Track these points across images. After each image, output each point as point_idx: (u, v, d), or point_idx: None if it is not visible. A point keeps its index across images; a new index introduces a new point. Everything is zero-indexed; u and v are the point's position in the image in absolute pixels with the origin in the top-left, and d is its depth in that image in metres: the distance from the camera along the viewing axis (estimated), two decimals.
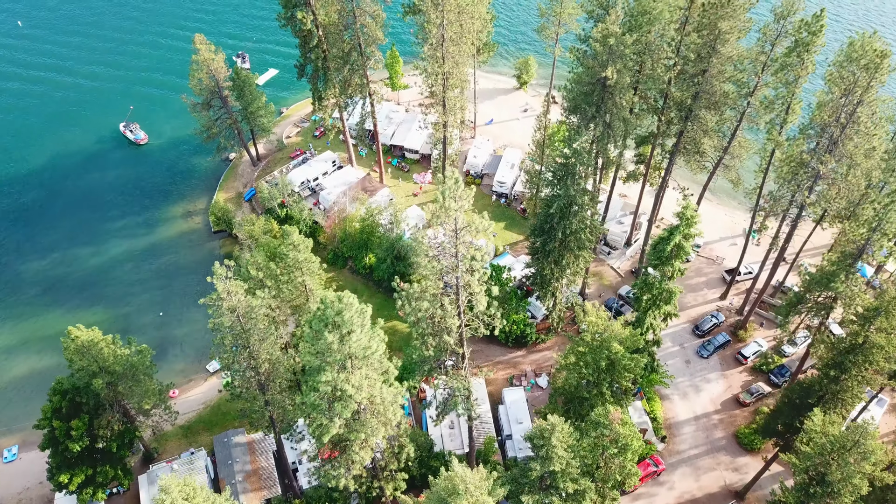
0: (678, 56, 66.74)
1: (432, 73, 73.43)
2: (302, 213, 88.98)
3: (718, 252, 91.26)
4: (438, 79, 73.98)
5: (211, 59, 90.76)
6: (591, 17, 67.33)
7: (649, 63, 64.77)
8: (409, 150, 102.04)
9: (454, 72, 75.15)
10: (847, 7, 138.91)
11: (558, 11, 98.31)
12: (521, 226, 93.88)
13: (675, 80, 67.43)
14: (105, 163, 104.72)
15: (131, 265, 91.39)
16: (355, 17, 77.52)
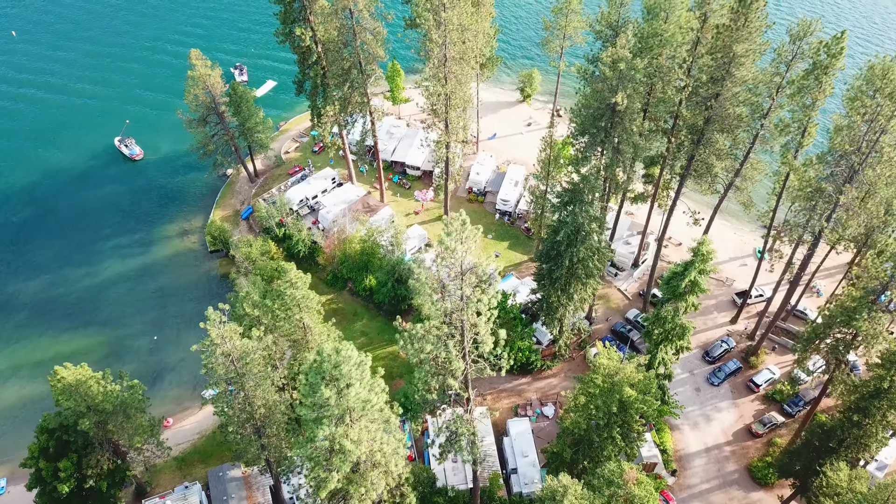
0: (689, 77, 64.44)
1: (434, 93, 71.08)
2: (300, 234, 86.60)
3: (728, 273, 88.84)
4: (441, 98, 71.62)
5: (207, 75, 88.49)
6: (599, 37, 64.92)
7: (660, 86, 62.37)
8: (410, 167, 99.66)
9: (457, 91, 72.84)
10: (848, 15, 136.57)
11: (563, 25, 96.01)
12: (525, 245, 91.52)
13: (686, 102, 65.06)
14: (99, 179, 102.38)
15: (125, 287, 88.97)
16: (355, 35, 75.09)
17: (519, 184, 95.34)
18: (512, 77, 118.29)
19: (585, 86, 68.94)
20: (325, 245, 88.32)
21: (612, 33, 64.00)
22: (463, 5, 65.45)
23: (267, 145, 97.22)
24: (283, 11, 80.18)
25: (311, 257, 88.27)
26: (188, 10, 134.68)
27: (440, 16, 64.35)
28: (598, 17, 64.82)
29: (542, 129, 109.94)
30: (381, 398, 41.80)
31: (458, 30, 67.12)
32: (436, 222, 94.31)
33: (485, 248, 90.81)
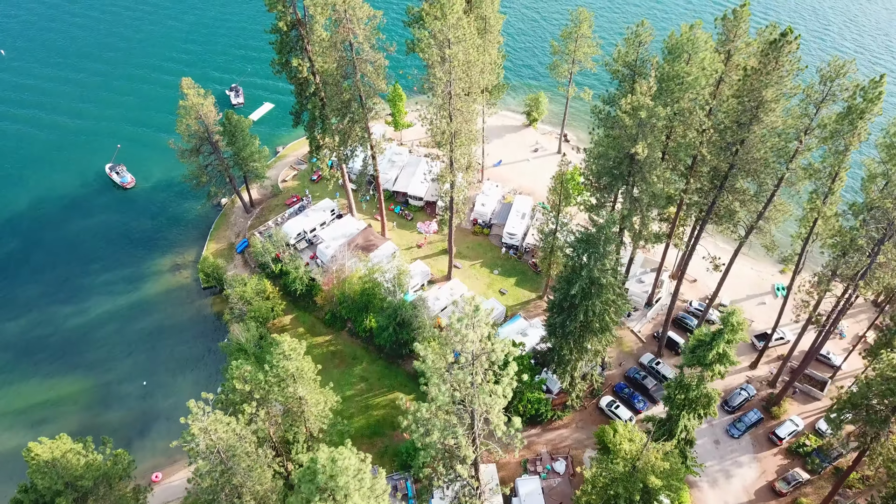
0: (711, 117, 60.38)
1: (439, 131, 66.96)
2: (297, 271, 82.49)
3: (746, 312, 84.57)
4: (446, 136, 67.48)
5: (200, 104, 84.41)
6: (615, 76, 60.80)
7: (680, 129, 58.24)
8: (412, 197, 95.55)
9: (463, 129, 68.70)
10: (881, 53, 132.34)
11: (572, 50, 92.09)
12: (533, 282, 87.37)
13: (708, 145, 60.95)
14: (89, 208, 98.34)
15: (114, 326, 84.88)
16: (355, 67, 70.96)
17: (526, 216, 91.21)
18: (518, 100, 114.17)
19: (599, 125, 64.87)
20: (323, 282, 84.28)
21: (630, 73, 59.86)
22: (469, 41, 61.32)
23: (263, 175, 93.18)
24: (278, 41, 76.16)
25: (309, 294, 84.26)
26: (182, 29, 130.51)
27: (445, 52, 60.24)
28: (615, 56, 60.71)
29: (549, 154, 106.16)
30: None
31: (464, 66, 63.02)
32: (439, 256, 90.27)
33: (490, 285, 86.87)
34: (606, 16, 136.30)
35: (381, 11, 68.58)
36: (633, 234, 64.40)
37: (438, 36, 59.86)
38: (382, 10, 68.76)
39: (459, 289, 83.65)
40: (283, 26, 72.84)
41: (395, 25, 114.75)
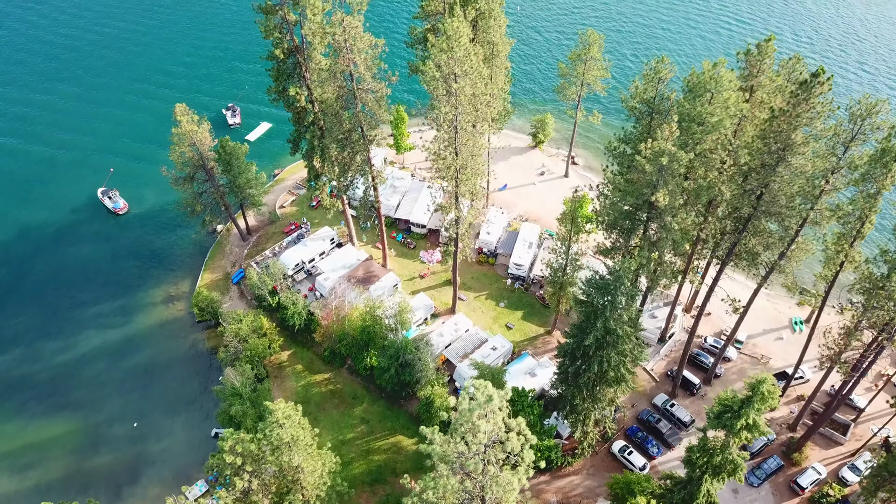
0: (732, 156, 56.96)
1: (445, 167, 63.53)
2: (295, 306, 78.91)
3: (763, 348, 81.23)
4: (451, 172, 64.06)
5: (194, 131, 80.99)
6: (632, 114, 57.35)
7: (701, 171, 54.78)
8: (415, 225, 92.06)
9: (469, 163, 65.28)
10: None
11: (581, 72, 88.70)
12: (541, 315, 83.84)
13: (729, 183, 57.49)
14: (80, 235, 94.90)
15: (104, 363, 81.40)
16: (356, 97, 67.46)
17: (533, 245, 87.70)
18: (523, 120, 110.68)
19: (613, 163, 61.44)
20: (322, 316, 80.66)
21: (647, 110, 56.38)
22: (476, 74, 57.87)
23: (260, 202, 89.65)
24: (275, 68, 72.83)
25: (308, 329, 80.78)
26: (177, 47, 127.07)
27: (451, 86, 56.80)
28: (632, 93, 57.22)
29: (555, 178, 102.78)
30: None
31: (470, 99, 59.60)
32: (443, 287, 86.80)
33: (496, 319, 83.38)
34: (615, 36, 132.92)
35: (382, 40, 65.18)
36: (649, 277, 60.77)
37: (444, 69, 56.44)
38: (384, 39, 65.27)
39: (464, 323, 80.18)
40: (279, 54, 69.45)
41: (397, 46, 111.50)
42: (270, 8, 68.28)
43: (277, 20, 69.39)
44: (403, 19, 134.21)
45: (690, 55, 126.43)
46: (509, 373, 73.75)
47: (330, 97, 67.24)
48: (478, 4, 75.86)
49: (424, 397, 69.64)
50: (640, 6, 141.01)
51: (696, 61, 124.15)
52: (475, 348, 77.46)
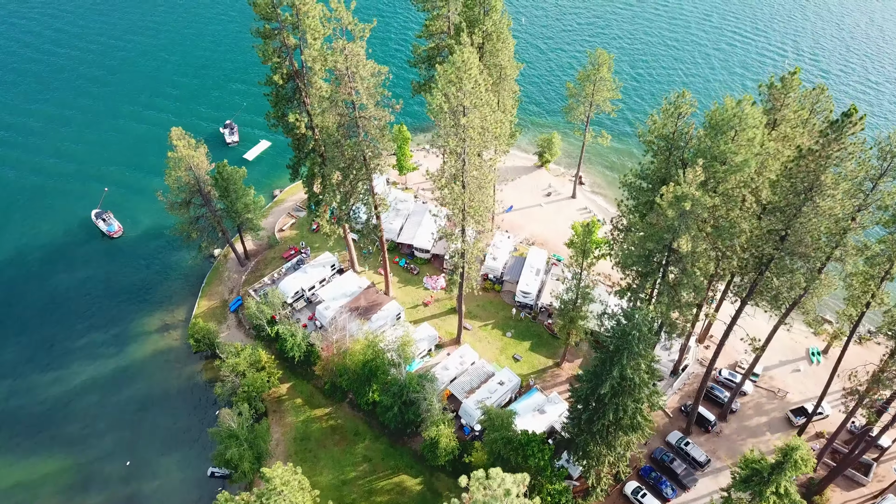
0: (755, 190, 54.18)
1: (451, 201, 60.69)
2: (294, 338, 76.06)
3: (779, 381, 78.40)
4: (458, 206, 61.23)
5: (190, 156, 78.20)
6: (649, 148, 54.52)
7: (722, 210, 51.97)
8: (418, 250, 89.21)
9: (476, 196, 62.50)
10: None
11: (590, 93, 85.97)
12: (549, 346, 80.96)
13: (750, 219, 54.66)
14: (73, 260, 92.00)
15: (96, 396, 78.49)
16: (358, 126, 64.60)
17: (540, 272, 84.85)
18: (528, 137, 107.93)
19: (629, 198, 58.65)
20: (322, 347, 77.73)
21: (666, 146, 53.57)
22: (486, 107, 55.09)
23: (258, 228, 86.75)
24: (273, 92, 70.07)
25: (308, 361, 77.95)
26: (173, 63, 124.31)
27: (459, 119, 54.00)
28: (650, 127, 54.39)
29: (562, 199, 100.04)
30: None
31: (480, 133, 56.81)
32: (448, 315, 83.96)
33: (503, 350, 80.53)
34: (620, 53, 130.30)
35: (385, 67, 62.36)
36: (667, 322, 57.80)
37: (452, 101, 53.62)
38: (388, 67, 62.44)
39: (470, 356, 77.38)
40: (278, 80, 66.70)
41: (399, 59, 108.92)
42: (269, 32, 65.61)
43: (276, 44, 66.74)
44: (407, 34, 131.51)
45: (698, 73, 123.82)
46: (517, 410, 71.08)
47: (331, 126, 64.38)
48: (484, 26, 73.12)
49: (429, 437, 66.83)
50: (643, 21, 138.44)
51: (705, 78, 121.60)
52: (481, 383, 74.64)
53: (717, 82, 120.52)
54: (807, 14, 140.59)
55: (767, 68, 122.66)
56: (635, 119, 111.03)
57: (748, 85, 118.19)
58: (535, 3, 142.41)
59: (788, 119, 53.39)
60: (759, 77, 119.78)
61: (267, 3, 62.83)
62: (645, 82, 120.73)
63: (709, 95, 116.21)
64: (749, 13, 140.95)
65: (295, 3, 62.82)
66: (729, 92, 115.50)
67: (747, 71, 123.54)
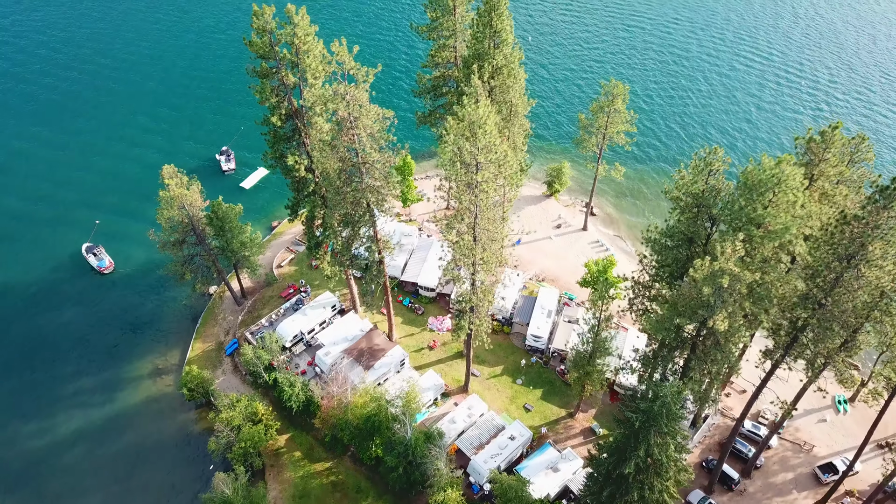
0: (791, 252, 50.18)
1: (461, 253, 56.72)
2: (293, 388, 72.04)
3: (805, 432, 74.33)
4: (469, 259, 57.25)
5: (183, 195, 74.22)
6: (675, 205, 50.44)
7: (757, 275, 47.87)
8: (423, 288, 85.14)
9: (489, 246, 58.53)
10: None
11: (603, 125, 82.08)
12: (562, 394, 76.84)
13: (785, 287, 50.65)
14: (61, 298, 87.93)
15: (84, 448, 74.40)
16: (361, 172, 60.51)
17: (552, 313, 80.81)
18: (537, 165, 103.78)
19: (653, 253, 54.61)
20: (322, 396, 73.61)
21: (694, 203, 49.51)
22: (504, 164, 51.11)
23: (256, 267, 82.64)
24: (271, 132, 66.03)
25: (307, 410, 73.86)
26: (168, 86, 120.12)
27: (473, 177, 49.99)
28: (677, 183, 50.35)
29: (573, 231, 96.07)
30: None
31: (492, 182, 52.80)
32: (454, 360, 79.94)
33: (513, 399, 76.45)
34: (637, 78, 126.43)
35: (391, 112, 58.25)
36: (697, 397, 53.73)
37: (466, 157, 49.59)
38: (394, 112, 58.35)
39: (478, 407, 73.32)
40: (276, 121, 62.63)
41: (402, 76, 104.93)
42: (267, 71, 61.61)
43: (274, 82, 62.71)
44: (414, 62, 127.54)
45: (713, 93, 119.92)
46: (529, 467, 67.21)
47: (331, 172, 60.28)
48: (495, 60, 69.15)
49: (436, 503, 62.73)
50: (651, 38, 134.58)
51: (718, 99, 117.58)
52: (491, 437, 70.59)
53: (739, 113, 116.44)
54: (847, 52, 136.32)
55: (801, 106, 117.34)
56: (647, 145, 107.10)
57: (776, 122, 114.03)
58: (542, 21, 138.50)
59: (827, 173, 49.38)
60: (787, 111, 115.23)
61: (264, 42, 58.82)
62: (658, 105, 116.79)
63: (732, 129, 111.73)
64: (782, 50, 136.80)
65: (294, 41, 58.87)
66: (752, 128, 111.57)
67: (778, 108, 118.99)
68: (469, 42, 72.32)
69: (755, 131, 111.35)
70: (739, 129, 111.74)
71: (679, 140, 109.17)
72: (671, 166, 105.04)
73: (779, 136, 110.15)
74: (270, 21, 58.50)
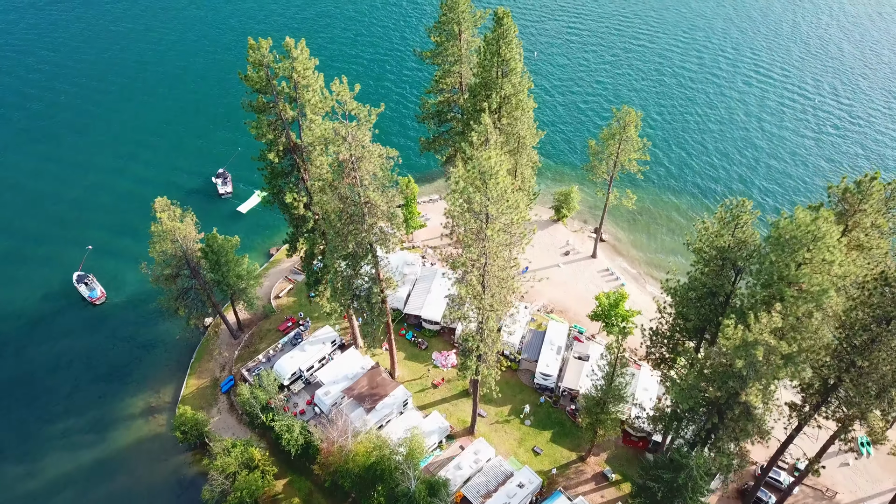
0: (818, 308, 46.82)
1: (471, 298, 53.45)
2: (292, 433, 68.76)
3: (826, 477, 70.85)
4: (479, 309, 54.01)
5: (176, 228, 70.94)
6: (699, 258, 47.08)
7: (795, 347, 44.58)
8: (427, 321, 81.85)
9: (499, 294, 55.27)
10: None
11: (614, 152, 78.86)
12: (573, 436, 73.52)
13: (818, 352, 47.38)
14: (51, 330, 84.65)
15: (73, 492, 71.06)
16: (363, 214, 57.16)
17: (562, 349, 77.52)
18: (544, 188, 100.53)
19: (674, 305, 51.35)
20: (322, 440, 70.23)
21: (719, 257, 46.24)
22: (517, 215, 47.90)
23: (253, 299, 79.29)
24: (268, 167, 62.77)
25: (306, 454, 70.54)
26: (161, 106, 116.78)
27: (483, 229, 46.74)
28: (700, 234, 47.05)
29: (582, 258, 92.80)
30: None
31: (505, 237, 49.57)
32: (459, 399, 76.67)
33: (522, 441, 73.12)
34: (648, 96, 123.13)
35: (395, 151, 54.96)
36: (722, 470, 50.22)
37: (476, 207, 46.33)
38: (398, 151, 55.05)
39: (485, 452, 69.97)
40: (273, 158, 59.34)
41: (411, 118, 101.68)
42: (263, 106, 58.30)
43: (272, 116, 59.39)
44: (417, 87, 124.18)
45: (729, 117, 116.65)
46: None
47: (332, 213, 56.95)
48: (503, 90, 65.88)
49: None
50: (662, 58, 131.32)
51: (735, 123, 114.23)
52: (498, 485, 67.28)
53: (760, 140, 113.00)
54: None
55: (827, 137, 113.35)
56: (658, 164, 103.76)
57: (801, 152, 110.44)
58: (548, 37, 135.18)
59: (863, 224, 46.11)
60: (812, 141, 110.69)
61: (261, 77, 55.50)
62: (670, 126, 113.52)
63: (751, 158, 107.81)
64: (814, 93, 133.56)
65: (293, 76, 55.56)
66: (775, 156, 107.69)
67: (805, 141, 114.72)
68: (476, 70, 69.09)
69: (778, 162, 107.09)
70: (761, 161, 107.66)
71: (691, 163, 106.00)
72: (683, 191, 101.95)
73: (805, 165, 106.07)
74: (267, 55, 55.21)
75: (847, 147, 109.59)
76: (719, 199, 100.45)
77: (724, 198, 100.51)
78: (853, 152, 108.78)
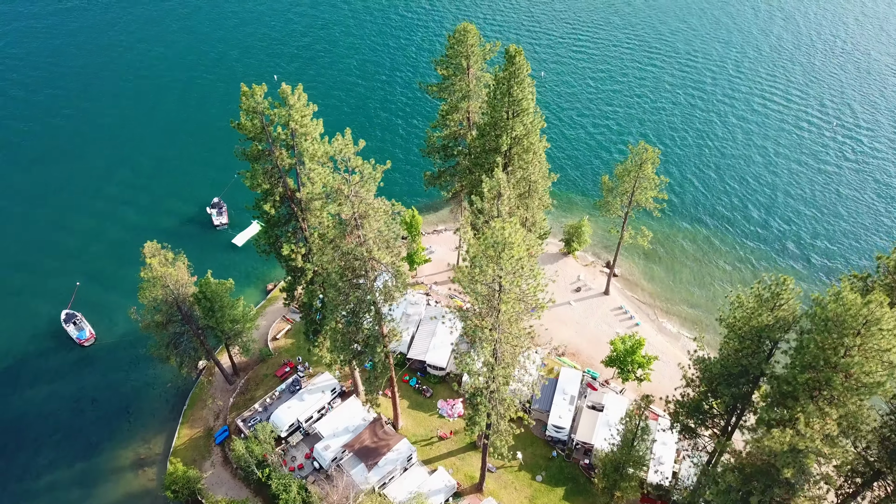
0: None
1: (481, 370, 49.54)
2: (289, 493, 64.74)
3: None
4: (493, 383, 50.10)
5: (167, 273, 66.91)
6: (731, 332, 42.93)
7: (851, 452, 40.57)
8: (432, 367, 77.78)
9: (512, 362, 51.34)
10: None
11: (629, 189, 74.87)
12: (586, 493, 69.38)
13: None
14: (37, 375, 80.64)
15: None
16: (367, 271, 53.14)
17: (574, 399, 73.43)
18: (553, 219, 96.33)
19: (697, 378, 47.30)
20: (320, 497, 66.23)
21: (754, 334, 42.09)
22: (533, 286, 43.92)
23: (248, 343, 75.14)
24: (264, 216, 58.67)
25: None
26: (154, 130, 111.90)
27: (494, 300, 42.74)
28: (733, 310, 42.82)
29: (594, 295, 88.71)
30: None
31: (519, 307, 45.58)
32: (466, 453, 72.56)
33: (533, 499, 68.99)
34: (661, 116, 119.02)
35: (400, 205, 50.97)
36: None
37: (488, 278, 42.30)
38: (402, 203, 51.03)
39: None
40: (269, 209, 55.31)
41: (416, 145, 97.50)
42: (259, 153, 54.29)
43: (268, 164, 55.37)
44: (420, 117, 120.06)
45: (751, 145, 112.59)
46: None
47: (333, 272, 52.90)
48: (514, 132, 61.86)
49: None
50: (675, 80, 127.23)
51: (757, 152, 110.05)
52: None
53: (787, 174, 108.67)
54: None
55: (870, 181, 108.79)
56: (673, 194, 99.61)
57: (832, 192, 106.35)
58: (556, 55, 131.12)
59: None
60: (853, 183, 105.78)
61: (256, 125, 51.49)
62: (687, 155, 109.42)
63: (781, 193, 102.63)
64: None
65: (290, 123, 51.51)
66: (805, 193, 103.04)
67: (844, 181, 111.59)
68: (485, 108, 65.13)
69: (805, 201, 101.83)
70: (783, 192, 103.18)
71: (706, 190, 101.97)
72: (700, 221, 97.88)
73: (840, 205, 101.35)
74: (262, 101, 51.21)
75: (881, 177, 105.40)
76: (740, 231, 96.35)
77: (744, 229, 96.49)
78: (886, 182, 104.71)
